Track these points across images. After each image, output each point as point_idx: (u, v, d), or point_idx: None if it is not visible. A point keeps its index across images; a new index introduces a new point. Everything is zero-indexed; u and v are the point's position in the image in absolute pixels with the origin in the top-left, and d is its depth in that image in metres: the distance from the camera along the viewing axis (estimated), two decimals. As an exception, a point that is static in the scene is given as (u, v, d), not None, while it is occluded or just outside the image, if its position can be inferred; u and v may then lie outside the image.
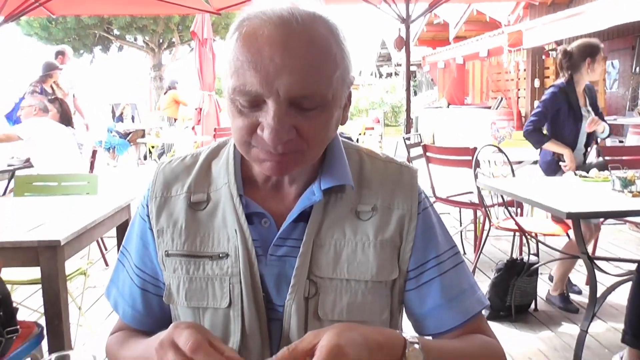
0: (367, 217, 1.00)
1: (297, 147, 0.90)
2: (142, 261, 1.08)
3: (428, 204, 1.07)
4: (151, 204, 1.05)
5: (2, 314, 1.98)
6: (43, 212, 2.64)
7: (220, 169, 1.04)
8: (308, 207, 0.99)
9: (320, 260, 0.98)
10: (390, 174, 1.05)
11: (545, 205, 2.80)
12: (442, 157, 4.74)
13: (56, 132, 4.94)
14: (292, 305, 0.96)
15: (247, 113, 0.89)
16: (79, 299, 3.35)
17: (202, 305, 0.99)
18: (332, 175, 1.00)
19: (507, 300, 3.57)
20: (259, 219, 1.00)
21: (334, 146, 1.04)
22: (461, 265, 1.06)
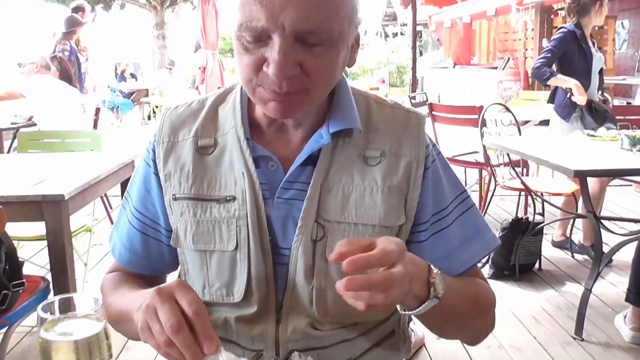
0: (375, 163, 1.00)
1: (302, 85, 0.89)
2: (144, 205, 1.08)
3: (437, 151, 1.07)
4: (158, 148, 1.04)
5: (8, 267, 1.98)
6: (47, 168, 2.63)
7: (227, 114, 1.04)
8: (316, 150, 0.99)
9: (328, 204, 0.98)
10: (398, 119, 1.04)
11: (552, 163, 2.77)
12: (448, 116, 4.69)
13: (58, 90, 4.90)
14: (299, 248, 0.97)
15: (253, 50, 0.88)
16: (84, 256, 3.36)
17: (209, 248, 1.00)
18: (340, 119, 0.99)
19: (512, 259, 3.57)
20: (265, 162, 1.00)
21: (342, 90, 1.03)
22: (474, 207, 1.07)
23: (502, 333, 2.90)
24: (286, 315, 0.99)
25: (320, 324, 0.99)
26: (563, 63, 3.97)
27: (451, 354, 2.72)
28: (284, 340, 0.98)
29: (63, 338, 0.69)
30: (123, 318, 0.97)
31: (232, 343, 1.01)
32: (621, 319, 2.88)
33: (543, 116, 5.27)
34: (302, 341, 0.98)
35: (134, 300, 0.89)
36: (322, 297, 0.97)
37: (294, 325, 0.98)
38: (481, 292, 1.04)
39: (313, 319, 0.99)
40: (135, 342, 2.86)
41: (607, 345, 2.76)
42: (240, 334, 1.00)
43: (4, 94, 5.21)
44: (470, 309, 0.99)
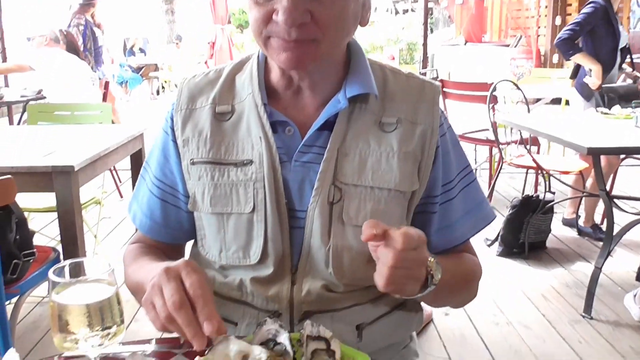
0: (391, 129, 1.01)
1: (311, 34, 0.90)
2: (163, 173, 1.09)
3: (448, 124, 1.09)
4: (176, 115, 1.06)
5: (19, 237, 1.99)
6: (56, 140, 2.62)
7: (244, 81, 1.05)
8: (332, 116, 1.00)
9: (345, 168, 0.99)
10: (413, 88, 1.06)
11: (565, 140, 2.74)
12: (459, 93, 4.65)
13: (67, 63, 4.87)
14: (315, 209, 0.98)
15: (263, 2, 0.90)
16: (94, 229, 3.38)
17: (226, 210, 1.01)
18: (357, 84, 1.00)
19: (521, 237, 3.55)
20: (282, 127, 1.01)
21: (358, 56, 1.04)
22: (475, 181, 1.11)
23: (511, 310, 2.90)
24: (301, 277, 1.00)
25: (334, 287, 1.00)
26: (591, 38, 3.89)
27: (459, 330, 2.72)
28: (299, 301, 0.99)
29: (75, 302, 0.68)
30: (140, 289, 0.98)
31: (246, 305, 1.02)
32: (631, 298, 2.87)
33: (555, 94, 5.21)
34: (316, 303, 0.99)
35: (148, 273, 0.90)
36: (337, 258, 0.98)
37: (309, 287, 0.99)
38: (470, 267, 1.09)
39: (328, 282, 1.00)
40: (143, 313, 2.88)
41: (616, 324, 2.75)
42: (255, 295, 1.01)
43: (14, 67, 5.20)
44: (460, 285, 1.05)
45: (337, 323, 0.99)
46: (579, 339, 2.62)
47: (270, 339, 0.85)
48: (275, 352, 0.81)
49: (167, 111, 1.09)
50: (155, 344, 0.92)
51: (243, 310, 1.02)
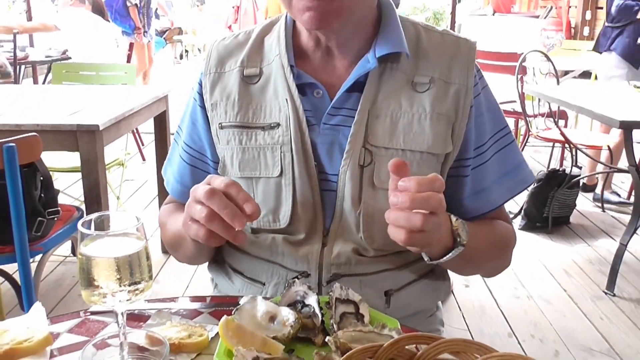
0: (424, 89, 0.98)
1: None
2: (191, 138, 1.09)
3: (484, 83, 1.04)
4: (205, 79, 1.05)
5: (43, 195, 2.00)
6: (81, 99, 2.62)
7: (272, 43, 1.03)
8: (362, 76, 0.97)
9: (376, 130, 0.96)
10: (448, 46, 1.01)
11: (596, 113, 2.68)
12: (488, 63, 4.56)
13: (92, 23, 4.86)
14: (346, 172, 0.96)
15: None
16: (117, 190, 3.40)
17: (254, 174, 1.00)
18: (387, 43, 0.97)
19: (545, 211, 3.51)
20: (311, 89, 0.99)
21: (389, 15, 1.01)
22: (513, 143, 1.07)
23: (532, 284, 2.88)
24: (332, 239, 0.99)
25: (365, 251, 0.99)
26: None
27: (479, 302, 2.71)
28: (328, 263, 0.98)
29: (104, 254, 0.67)
30: (178, 238, 1.01)
31: (276, 264, 1.01)
32: (655, 276, 2.83)
33: (586, 66, 5.09)
34: (346, 266, 0.98)
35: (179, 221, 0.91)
36: (368, 223, 0.96)
37: (339, 250, 0.98)
38: (502, 233, 1.06)
39: (358, 245, 0.99)
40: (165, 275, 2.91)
41: (639, 302, 2.72)
42: (285, 254, 1.00)
43: (39, 26, 5.21)
44: (490, 251, 1.02)
45: (366, 288, 0.98)
46: (600, 316, 2.60)
47: (298, 300, 0.83)
48: (303, 314, 0.80)
49: (197, 75, 1.08)
50: (181, 302, 0.91)
51: (272, 269, 1.01)
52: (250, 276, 1.04)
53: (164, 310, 0.88)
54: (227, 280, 1.08)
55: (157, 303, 0.90)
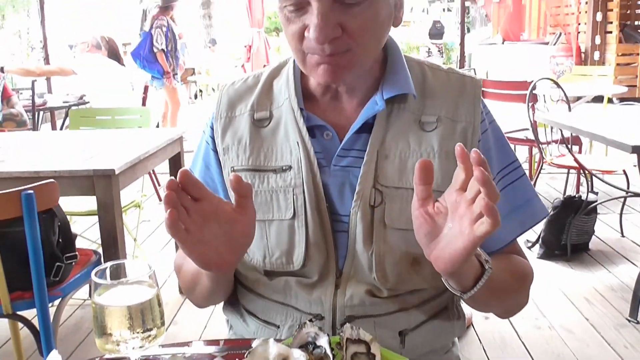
0: (431, 129, 0.99)
1: (345, 46, 0.90)
2: (204, 181, 1.09)
3: (491, 118, 1.06)
4: (216, 124, 1.07)
5: (61, 240, 2.03)
6: (98, 144, 2.67)
7: (281, 86, 1.05)
8: (370, 118, 0.99)
9: (386, 170, 0.98)
10: (454, 84, 1.03)
11: (608, 138, 2.67)
12: (498, 92, 4.58)
13: (109, 68, 4.98)
14: (357, 213, 0.97)
15: (294, 19, 0.91)
16: (134, 232, 3.43)
17: (267, 217, 1.01)
18: (394, 85, 0.99)
19: (563, 238, 3.48)
20: (320, 131, 1.01)
21: (395, 56, 1.03)
22: (524, 177, 1.06)
23: (553, 314, 2.84)
24: (345, 281, 0.99)
25: (378, 291, 0.99)
26: None
27: (499, 333, 2.68)
28: (342, 306, 0.98)
29: (116, 303, 0.69)
30: (195, 278, 1.01)
31: (290, 307, 1.02)
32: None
33: (597, 92, 5.09)
34: (359, 307, 0.98)
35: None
36: (381, 263, 0.97)
37: (352, 292, 0.98)
38: (520, 267, 1.05)
39: (371, 286, 0.99)
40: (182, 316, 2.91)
41: (664, 328, 2.67)
42: (299, 297, 1.01)
43: (57, 69, 5.34)
44: (511, 283, 1.01)
45: (380, 329, 0.98)
46: (624, 344, 2.55)
47: (309, 341, 0.84)
48: (314, 356, 0.81)
49: (208, 119, 1.11)
50: (195, 346, 0.92)
51: (286, 312, 1.02)
52: (264, 318, 1.04)
53: (177, 355, 0.89)
54: (242, 322, 1.09)
55: (171, 348, 0.91)
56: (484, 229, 0.73)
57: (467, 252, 0.76)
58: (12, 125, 3.80)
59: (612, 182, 3.80)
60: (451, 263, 0.78)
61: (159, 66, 6.51)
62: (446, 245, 0.79)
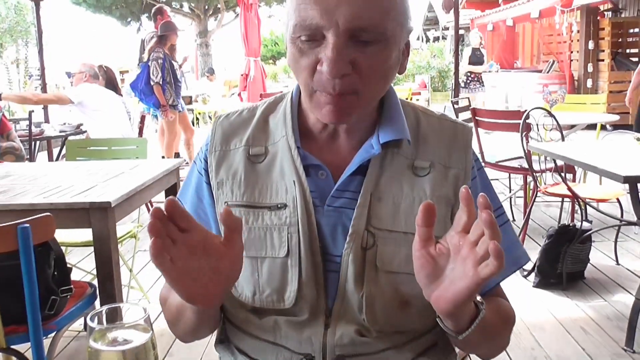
0: (424, 174, 1.01)
1: (353, 86, 0.91)
2: (196, 214, 1.09)
3: (479, 165, 1.09)
4: (210, 157, 1.07)
5: (57, 273, 2.04)
6: (94, 176, 2.69)
7: (278, 123, 1.06)
8: (365, 160, 1.00)
9: (379, 213, 0.99)
10: (446, 131, 1.06)
11: (600, 168, 2.70)
12: (492, 121, 4.62)
13: (106, 98, 5.02)
14: (349, 255, 0.97)
15: (307, 51, 0.91)
16: (130, 262, 3.42)
17: (260, 254, 1.01)
18: (390, 129, 1.01)
19: (558, 267, 3.48)
20: (315, 171, 1.01)
21: (392, 100, 1.05)
22: (507, 223, 1.09)
23: (549, 344, 2.83)
24: (335, 321, 0.99)
25: (367, 332, 0.99)
26: None
27: (496, 364, 2.66)
28: (332, 345, 0.99)
29: (111, 348, 0.70)
30: (180, 310, 1.00)
31: (280, 346, 1.02)
32: (674, 331, 2.78)
33: (590, 120, 5.14)
34: (349, 347, 0.99)
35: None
36: (371, 305, 0.97)
37: (342, 331, 0.99)
38: (504, 309, 1.06)
39: (361, 326, 0.99)
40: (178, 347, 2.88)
41: (660, 358, 2.67)
42: (289, 337, 1.01)
43: (53, 97, 5.39)
44: (499, 323, 1.02)
45: None
46: (621, 374, 2.55)
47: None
48: None
49: (200, 150, 1.11)
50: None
51: (276, 351, 1.02)
52: (255, 357, 1.04)
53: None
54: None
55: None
56: (488, 271, 0.75)
57: (471, 293, 0.78)
58: (12, 158, 3.82)
59: (607, 209, 3.82)
60: (453, 304, 0.80)
61: (155, 99, 6.55)
62: (449, 286, 0.80)
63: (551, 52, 12.82)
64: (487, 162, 4.68)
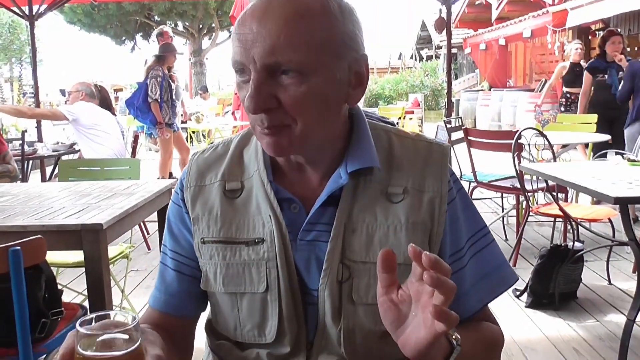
0: (398, 200, 0.99)
1: (282, 120, 0.91)
2: (178, 243, 1.08)
3: (458, 186, 1.06)
4: (186, 192, 1.06)
5: (47, 295, 2.03)
6: (86, 197, 2.69)
7: (251, 157, 1.05)
8: (337, 190, 0.98)
9: (353, 245, 0.98)
10: (420, 153, 1.03)
11: (590, 189, 2.71)
12: (484, 141, 4.65)
13: (100, 117, 5.01)
14: (325, 290, 0.97)
15: (242, 85, 0.92)
16: (121, 282, 3.41)
17: (239, 290, 1.00)
18: (358, 158, 0.99)
19: (551, 287, 3.49)
20: (288, 204, 1.00)
21: (359, 128, 1.02)
22: (492, 243, 1.07)
23: (542, 364, 2.83)
24: (316, 353, 0.99)
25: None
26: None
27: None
28: None
29: (100, 354, 0.70)
30: None
31: None
32: (667, 351, 2.78)
33: (581, 140, 5.18)
34: None
35: None
36: (350, 338, 0.97)
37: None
38: (489, 335, 1.04)
39: (341, 359, 0.98)
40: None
41: (652, 379, 2.67)
42: None
43: (49, 113, 5.39)
44: (481, 352, 0.99)
45: None
46: (613, 395, 2.54)
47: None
48: None
49: (177, 185, 1.10)
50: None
51: None
52: None
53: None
54: None
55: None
56: (442, 326, 0.74)
57: (430, 343, 0.77)
58: (7, 180, 3.81)
59: (599, 227, 3.84)
60: (417, 350, 0.78)
61: (152, 116, 6.57)
62: (411, 332, 0.79)
63: (543, 71, 12.94)
64: (479, 181, 4.70)
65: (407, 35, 26.30)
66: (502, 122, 12.16)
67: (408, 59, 26.67)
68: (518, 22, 11.50)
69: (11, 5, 6.65)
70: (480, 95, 14.07)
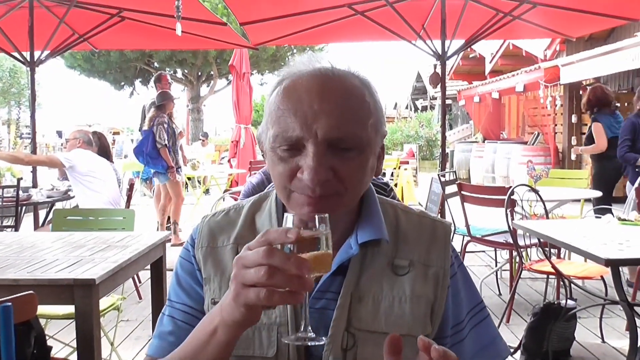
0: (404, 272, 1.03)
1: (335, 189, 0.95)
2: (190, 297, 1.07)
3: (459, 262, 1.11)
4: (197, 252, 1.08)
5: (36, 351, 2.00)
6: (79, 249, 2.68)
7: (264, 221, 1.08)
8: (345, 260, 1.01)
9: (360, 313, 1.00)
10: (425, 229, 1.08)
11: (582, 250, 2.73)
12: (478, 196, 4.68)
13: (97, 164, 5.02)
14: (329, 357, 0.98)
15: (287, 159, 0.95)
16: (111, 333, 3.37)
17: (248, 353, 1.01)
18: (368, 229, 1.03)
19: (544, 345, 3.46)
20: None
21: (370, 200, 1.08)
22: (488, 317, 1.12)
23: None
24: None
25: None
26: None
27: None
28: None
29: None
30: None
31: None
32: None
33: (574, 196, 5.22)
34: None
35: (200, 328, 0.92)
36: None
37: None
38: None
39: None
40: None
41: None
42: None
43: (46, 160, 5.40)
44: None
45: None
46: None
47: None
48: None
49: (185, 244, 1.11)
50: None
51: None
52: None
53: None
54: None
55: None
56: None
57: None
58: None
59: (592, 284, 3.83)
60: None
61: (162, 161, 6.71)
62: None
63: (536, 124, 13.11)
64: (473, 236, 4.71)
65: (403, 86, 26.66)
66: (496, 174, 12.25)
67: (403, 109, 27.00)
68: (511, 77, 11.71)
69: (12, 51, 6.73)
70: (475, 147, 14.20)
